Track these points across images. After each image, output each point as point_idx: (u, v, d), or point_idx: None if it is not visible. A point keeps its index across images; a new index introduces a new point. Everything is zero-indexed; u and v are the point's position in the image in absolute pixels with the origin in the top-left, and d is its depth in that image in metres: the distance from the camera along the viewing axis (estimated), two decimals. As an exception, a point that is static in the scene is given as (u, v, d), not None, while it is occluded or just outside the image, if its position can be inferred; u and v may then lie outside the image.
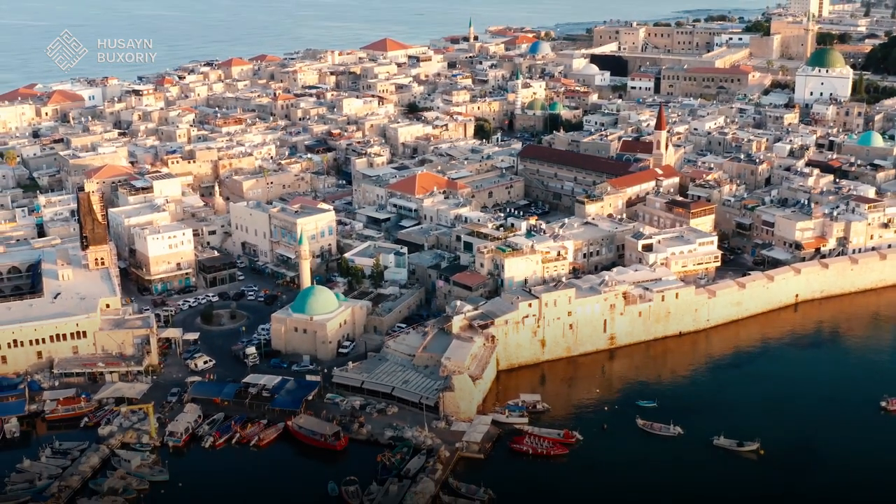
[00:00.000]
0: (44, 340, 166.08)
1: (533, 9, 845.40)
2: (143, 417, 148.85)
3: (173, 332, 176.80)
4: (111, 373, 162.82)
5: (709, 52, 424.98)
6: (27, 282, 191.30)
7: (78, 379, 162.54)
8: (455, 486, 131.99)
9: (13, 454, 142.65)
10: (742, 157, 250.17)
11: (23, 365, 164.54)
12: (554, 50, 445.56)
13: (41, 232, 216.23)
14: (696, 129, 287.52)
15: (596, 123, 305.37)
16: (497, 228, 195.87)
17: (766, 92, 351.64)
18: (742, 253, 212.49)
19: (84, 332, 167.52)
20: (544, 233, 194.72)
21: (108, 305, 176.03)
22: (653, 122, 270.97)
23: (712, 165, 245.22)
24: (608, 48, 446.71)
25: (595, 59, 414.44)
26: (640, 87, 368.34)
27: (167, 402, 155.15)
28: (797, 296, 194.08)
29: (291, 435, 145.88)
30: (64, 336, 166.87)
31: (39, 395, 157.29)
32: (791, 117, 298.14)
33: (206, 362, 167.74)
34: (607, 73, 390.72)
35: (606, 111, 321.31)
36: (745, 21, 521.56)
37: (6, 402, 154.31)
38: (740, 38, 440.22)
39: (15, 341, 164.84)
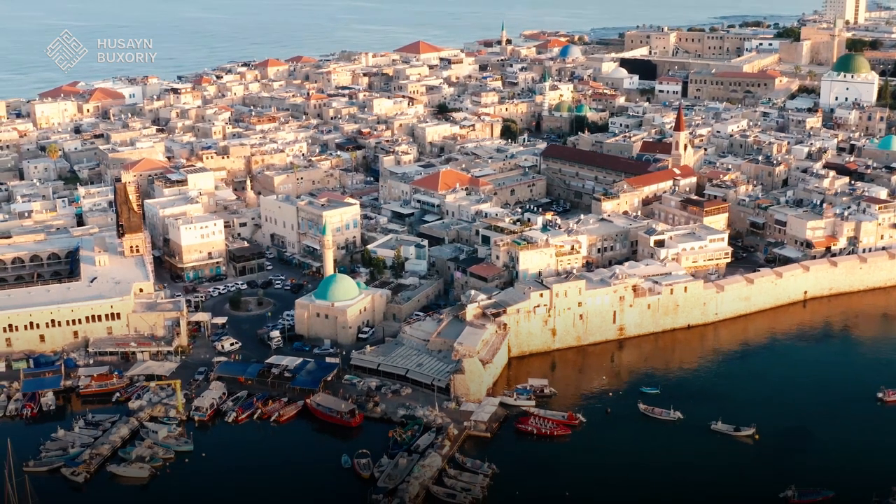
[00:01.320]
0: (80, 321, 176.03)
1: (570, 13, 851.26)
2: (171, 393, 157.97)
3: (202, 316, 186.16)
4: (143, 352, 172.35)
5: (739, 57, 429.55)
6: (66, 267, 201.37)
7: (111, 358, 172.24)
8: (461, 460, 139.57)
9: (49, 425, 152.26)
10: (760, 158, 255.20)
11: (60, 343, 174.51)
12: (585, 54, 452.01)
13: (80, 221, 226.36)
14: (718, 131, 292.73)
15: (621, 125, 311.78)
16: (514, 223, 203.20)
17: (792, 97, 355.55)
18: (755, 251, 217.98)
19: (118, 314, 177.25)
20: (559, 228, 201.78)
21: (141, 290, 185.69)
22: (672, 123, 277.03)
23: (730, 166, 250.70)
24: (638, 52, 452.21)
25: (625, 62, 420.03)
26: (668, 91, 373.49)
27: (194, 380, 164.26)
28: (806, 292, 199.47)
29: (310, 412, 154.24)
30: (99, 317, 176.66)
31: (75, 371, 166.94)
32: (813, 121, 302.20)
33: (232, 344, 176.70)
34: (636, 77, 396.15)
35: (632, 114, 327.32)
36: (779, 27, 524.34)
37: (43, 377, 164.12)
38: (770, 44, 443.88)
39: (53, 321, 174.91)
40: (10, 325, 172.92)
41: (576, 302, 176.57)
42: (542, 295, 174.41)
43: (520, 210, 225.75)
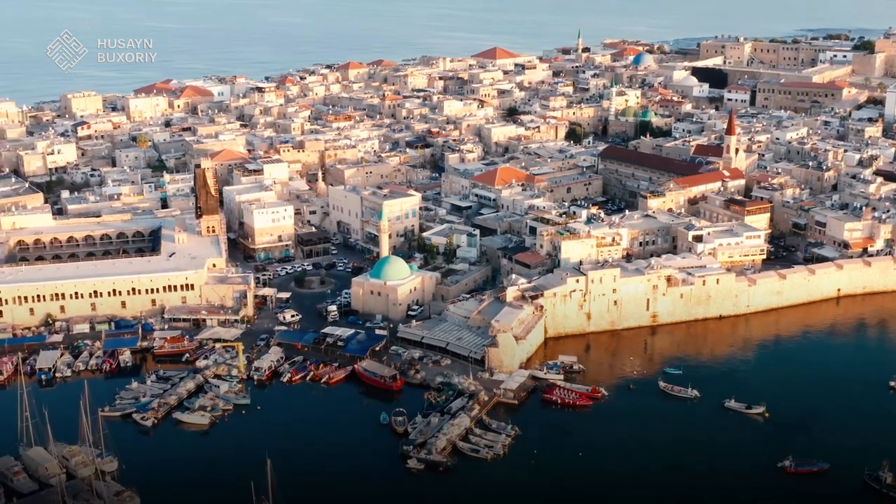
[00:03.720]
0: (158, 290, 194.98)
1: (657, 24, 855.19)
2: (235, 355, 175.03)
3: (268, 291, 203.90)
4: (212, 319, 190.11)
5: (813, 68, 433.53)
6: (149, 244, 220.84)
7: (184, 324, 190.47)
8: (487, 422, 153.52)
9: (125, 379, 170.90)
10: (811, 164, 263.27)
11: (139, 309, 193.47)
12: (661, 63, 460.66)
13: (164, 205, 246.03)
14: (777, 138, 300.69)
15: (683, 130, 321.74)
16: (560, 215, 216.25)
17: (858, 107, 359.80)
18: (796, 250, 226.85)
19: (192, 285, 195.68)
20: (602, 221, 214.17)
21: (214, 265, 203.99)
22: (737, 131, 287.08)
23: (780, 170, 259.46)
24: (712, 62, 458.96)
25: (696, 71, 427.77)
26: (736, 99, 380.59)
27: (256, 345, 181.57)
28: (839, 290, 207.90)
29: (357, 376, 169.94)
30: (175, 287, 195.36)
31: (151, 334, 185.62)
32: (873, 130, 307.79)
33: (293, 316, 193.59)
34: (706, 85, 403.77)
35: (696, 120, 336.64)
36: (858, 40, 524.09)
37: (123, 338, 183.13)
38: (844, 56, 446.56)
39: (134, 289, 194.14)
40: (95, 292, 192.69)
41: (610, 288, 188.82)
42: (578, 281, 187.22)
43: (566, 205, 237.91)
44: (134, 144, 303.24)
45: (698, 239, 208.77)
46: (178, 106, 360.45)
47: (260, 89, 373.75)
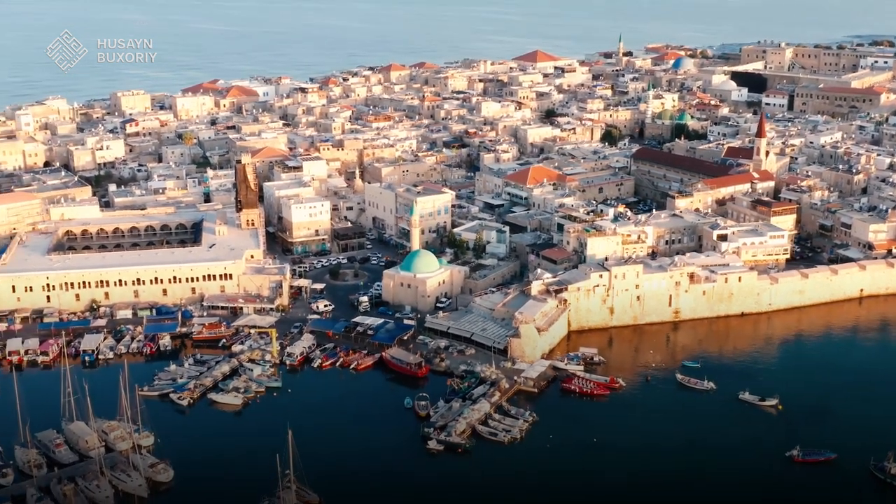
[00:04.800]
0: (197, 279, 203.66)
1: (703, 29, 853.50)
2: (269, 341, 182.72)
3: (303, 282, 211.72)
4: (248, 308, 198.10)
5: (853, 73, 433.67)
6: (190, 236, 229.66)
7: (222, 311, 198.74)
8: (507, 408, 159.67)
9: (164, 362, 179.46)
10: (840, 167, 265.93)
11: (179, 297, 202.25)
12: (703, 67, 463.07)
13: (207, 199, 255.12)
14: (811, 142, 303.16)
15: (718, 133, 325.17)
16: (587, 213, 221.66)
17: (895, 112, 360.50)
18: (822, 251, 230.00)
19: (230, 275, 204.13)
20: (629, 219, 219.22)
21: (252, 256, 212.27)
22: (769, 135, 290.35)
23: (810, 173, 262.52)
24: (753, 66, 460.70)
25: (736, 75, 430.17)
26: (774, 104, 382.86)
27: (290, 332, 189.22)
28: (862, 290, 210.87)
29: (384, 363, 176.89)
30: (214, 276, 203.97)
31: (190, 321, 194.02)
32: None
33: (326, 306, 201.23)
34: (745, 90, 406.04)
35: (731, 123, 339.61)
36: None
37: (163, 323, 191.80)
38: (885, 62, 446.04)
39: (175, 278, 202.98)
40: (138, 280, 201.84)
41: (633, 284, 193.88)
42: (601, 276, 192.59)
43: (594, 203, 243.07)
44: (180, 141, 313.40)
45: (723, 238, 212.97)
46: (224, 105, 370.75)
47: (303, 90, 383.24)
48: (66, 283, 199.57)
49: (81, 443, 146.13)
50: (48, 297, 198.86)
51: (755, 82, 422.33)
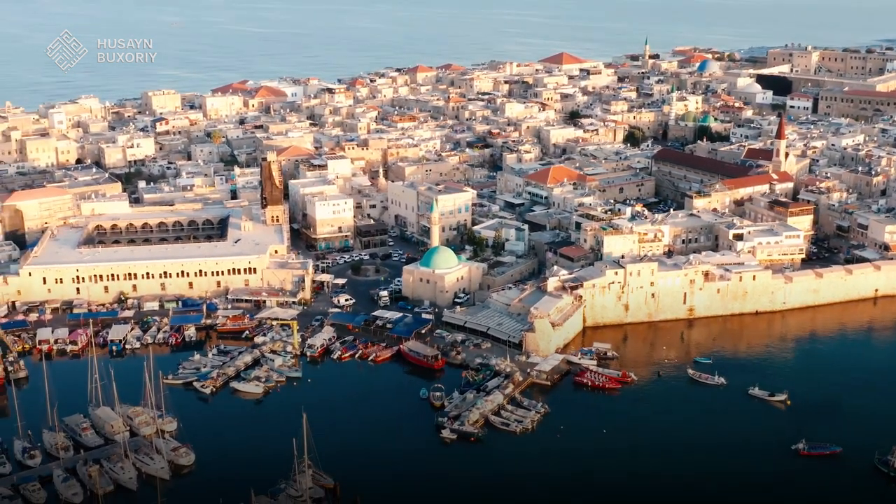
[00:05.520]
0: (223, 273, 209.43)
1: (733, 33, 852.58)
2: (290, 333, 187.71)
3: (325, 277, 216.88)
4: (271, 301, 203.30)
5: (878, 77, 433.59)
6: (217, 231, 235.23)
7: (246, 304, 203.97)
8: (519, 400, 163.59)
9: (189, 352, 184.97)
10: (860, 169, 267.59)
11: (205, 290, 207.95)
12: (728, 70, 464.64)
13: (234, 196, 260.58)
14: (833, 144, 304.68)
15: (740, 135, 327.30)
16: (605, 212, 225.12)
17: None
18: (838, 252, 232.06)
19: (254, 269, 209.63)
20: (645, 218, 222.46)
21: (276, 251, 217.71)
22: (791, 137, 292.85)
23: (829, 174, 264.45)
24: (779, 69, 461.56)
25: (762, 78, 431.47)
26: (798, 107, 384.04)
27: (311, 325, 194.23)
28: (877, 290, 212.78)
29: (402, 356, 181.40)
30: (238, 270, 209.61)
31: (214, 313, 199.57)
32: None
33: (347, 300, 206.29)
34: (769, 93, 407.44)
35: (754, 125, 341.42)
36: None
37: (188, 315, 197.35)
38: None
39: (201, 271, 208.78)
40: (165, 273, 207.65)
41: (648, 281, 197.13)
42: (616, 273, 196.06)
43: (612, 202, 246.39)
44: (208, 140, 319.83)
45: (738, 237, 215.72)
46: (253, 105, 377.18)
47: (330, 90, 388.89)
48: (95, 276, 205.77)
49: (107, 427, 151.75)
50: (78, 289, 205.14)
51: (780, 85, 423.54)
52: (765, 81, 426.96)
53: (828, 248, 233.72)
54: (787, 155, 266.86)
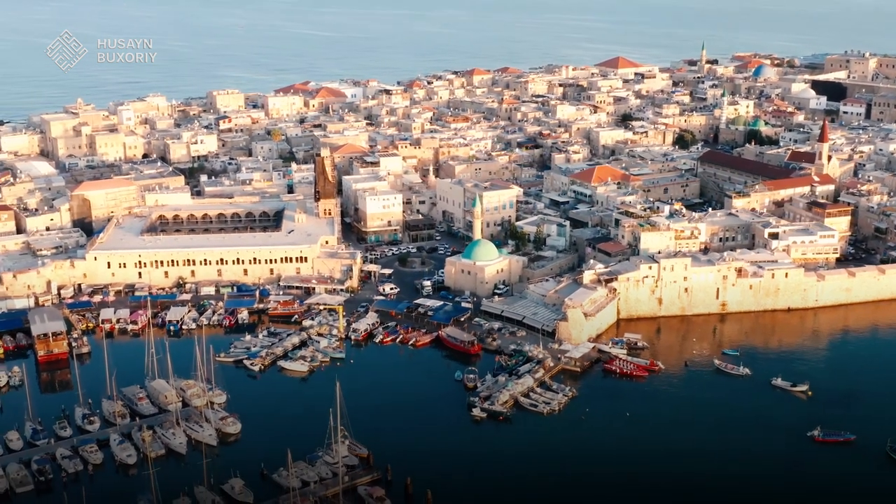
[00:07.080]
0: (276, 261, 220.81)
1: (794, 38, 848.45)
2: (336, 318, 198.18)
3: (373, 267, 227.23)
4: (320, 288, 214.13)
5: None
6: (272, 223, 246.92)
7: (296, 291, 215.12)
8: (549, 383, 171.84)
9: (241, 334, 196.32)
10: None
11: (258, 277, 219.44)
12: (785, 75, 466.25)
13: (290, 190, 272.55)
14: (880, 149, 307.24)
15: (789, 139, 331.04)
16: (644, 210, 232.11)
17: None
18: (875, 254, 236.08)
19: (305, 258, 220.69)
20: (683, 216, 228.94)
21: (327, 242, 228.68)
22: (840, 142, 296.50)
23: (871, 178, 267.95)
24: (835, 75, 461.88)
25: (817, 84, 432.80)
26: (852, 112, 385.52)
27: (357, 311, 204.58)
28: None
29: (441, 341, 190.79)
30: (290, 259, 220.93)
31: (266, 298, 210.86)
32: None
33: (392, 288, 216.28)
34: (823, 98, 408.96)
35: (804, 129, 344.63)
36: None
37: (242, 299, 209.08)
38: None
39: (255, 259, 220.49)
40: (221, 260, 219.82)
41: (681, 276, 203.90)
42: (650, 267, 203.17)
43: (651, 200, 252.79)
44: (269, 138, 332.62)
45: (774, 236, 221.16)
46: (313, 105, 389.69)
47: (388, 92, 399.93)
48: (156, 261, 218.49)
49: (161, 398, 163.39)
50: (139, 274, 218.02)
51: (835, 91, 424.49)
52: (820, 87, 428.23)
53: (865, 249, 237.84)
54: (829, 158, 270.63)
